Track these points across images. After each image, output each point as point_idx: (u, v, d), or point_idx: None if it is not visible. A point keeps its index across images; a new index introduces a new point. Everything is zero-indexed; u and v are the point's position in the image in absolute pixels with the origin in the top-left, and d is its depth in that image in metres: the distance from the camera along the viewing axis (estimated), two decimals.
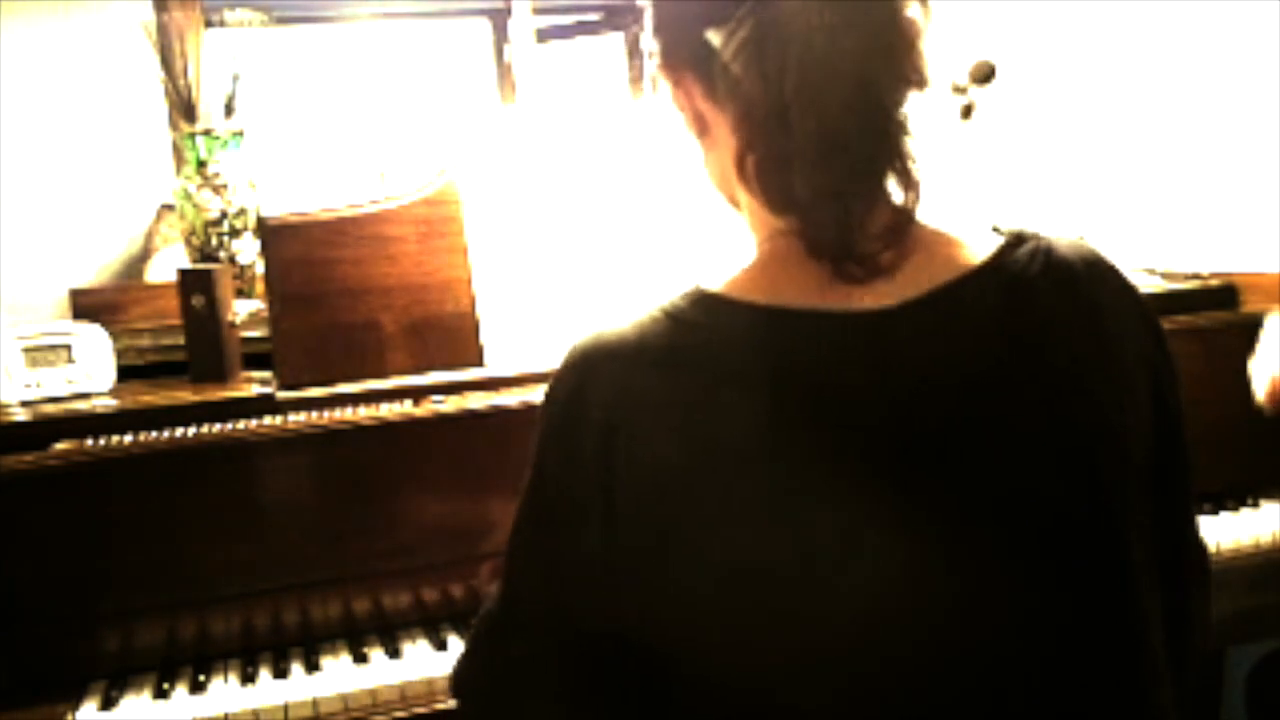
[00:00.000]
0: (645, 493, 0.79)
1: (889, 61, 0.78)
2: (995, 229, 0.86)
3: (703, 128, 0.87)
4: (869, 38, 0.76)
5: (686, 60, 0.84)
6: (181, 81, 2.30)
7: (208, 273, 1.59)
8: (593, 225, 1.53)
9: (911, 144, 0.79)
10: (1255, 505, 1.62)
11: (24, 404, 1.51)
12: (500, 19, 4.11)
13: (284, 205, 1.59)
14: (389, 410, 1.42)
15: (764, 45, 0.76)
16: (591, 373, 0.81)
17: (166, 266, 2.76)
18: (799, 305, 0.80)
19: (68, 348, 1.56)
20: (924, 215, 0.83)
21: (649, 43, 0.89)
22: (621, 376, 0.80)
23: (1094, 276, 0.84)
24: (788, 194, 0.79)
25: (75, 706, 1.24)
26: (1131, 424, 0.84)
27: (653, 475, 0.79)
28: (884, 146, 0.78)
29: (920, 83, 0.80)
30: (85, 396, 1.54)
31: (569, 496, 0.82)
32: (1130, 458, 0.83)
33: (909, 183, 0.80)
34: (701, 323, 0.80)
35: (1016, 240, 0.84)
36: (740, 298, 0.81)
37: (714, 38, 0.79)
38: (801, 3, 0.75)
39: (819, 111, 0.75)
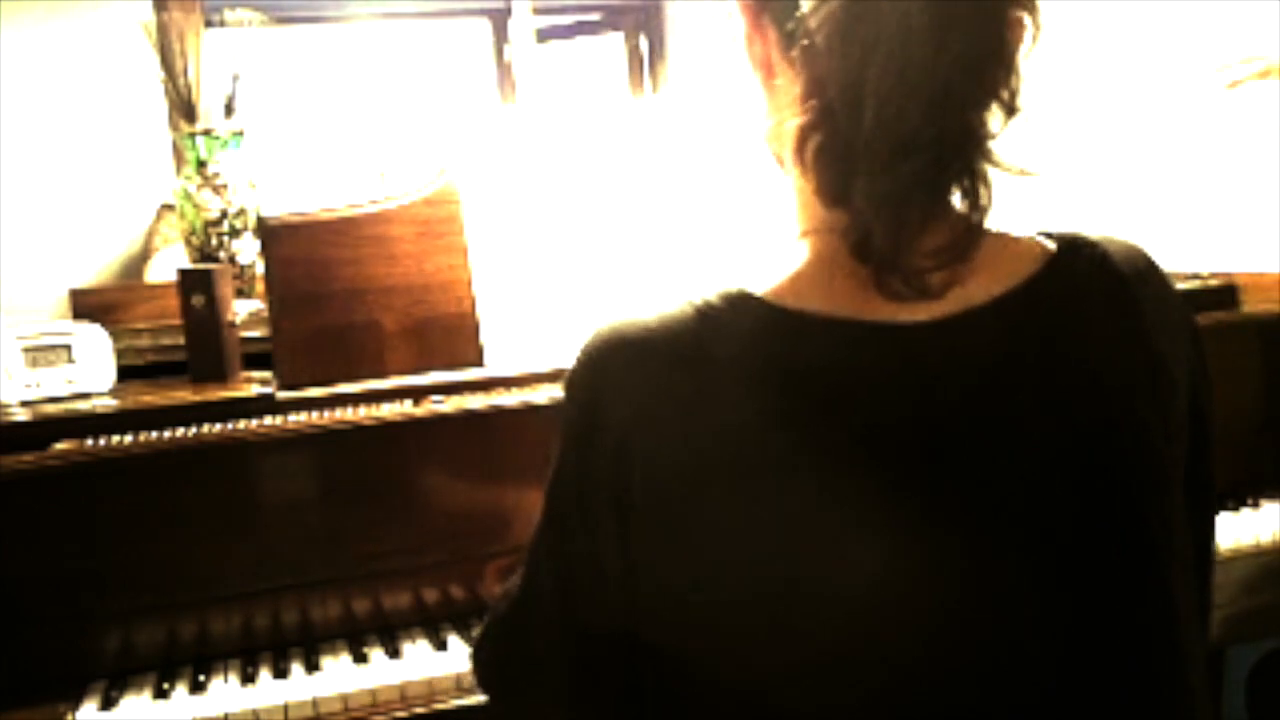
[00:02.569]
0: (660, 498, 0.78)
1: (982, 76, 0.73)
2: (1046, 234, 0.83)
3: (769, 74, 0.81)
4: (967, 47, 0.71)
5: (769, 6, 0.79)
6: (181, 81, 2.30)
7: (208, 273, 1.59)
8: (593, 225, 1.53)
9: (986, 166, 0.74)
10: (1255, 505, 1.62)
11: (24, 404, 1.51)
12: (500, 19, 4.11)
13: (284, 205, 1.59)
14: (389, 410, 1.42)
15: (854, 28, 0.70)
16: (609, 377, 0.79)
17: (166, 266, 2.76)
18: (837, 314, 0.76)
19: (68, 348, 1.56)
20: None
21: None
22: (639, 381, 0.78)
23: (1143, 284, 0.82)
24: (844, 189, 0.74)
25: (75, 706, 1.23)
26: (1171, 435, 0.82)
27: (669, 481, 0.78)
28: (956, 161, 0.74)
29: (1011, 106, 0.75)
30: (85, 396, 1.54)
31: (585, 502, 0.82)
32: (1167, 470, 0.82)
33: (975, 204, 0.75)
34: (730, 323, 0.77)
35: (1071, 247, 0.81)
36: (776, 302, 0.77)
37: None
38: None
39: (898, 112, 0.70)
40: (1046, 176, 0.79)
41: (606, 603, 0.83)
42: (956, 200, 0.76)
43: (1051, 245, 0.82)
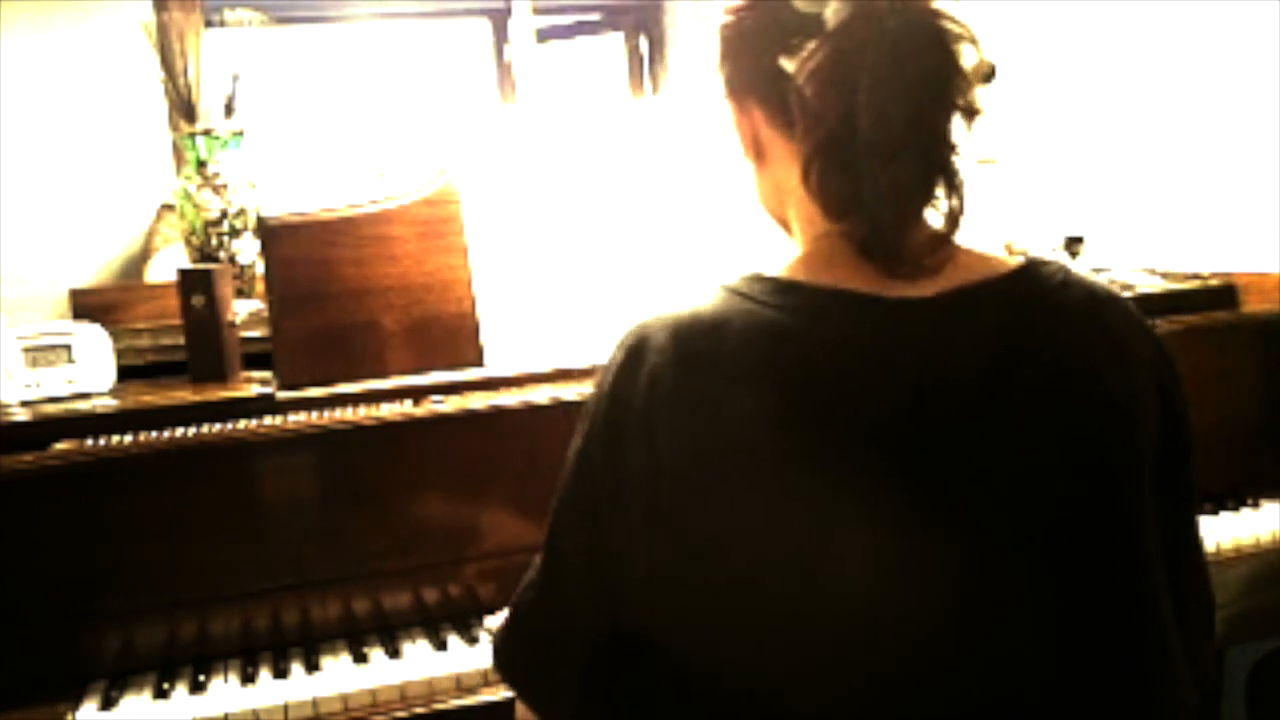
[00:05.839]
0: (673, 487, 0.82)
1: (942, 91, 0.87)
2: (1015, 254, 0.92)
3: (759, 152, 0.95)
4: (922, 72, 0.85)
5: (753, 87, 0.93)
6: (181, 81, 2.30)
7: (208, 273, 1.59)
8: (592, 225, 1.53)
9: (958, 162, 0.88)
10: (1255, 505, 1.62)
11: (24, 404, 1.51)
12: (500, 19, 4.12)
13: (284, 205, 1.59)
14: (389, 410, 1.42)
15: (840, 72, 0.85)
16: (634, 370, 0.85)
17: (166, 266, 2.76)
18: (842, 286, 0.86)
19: (68, 348, 1.56)
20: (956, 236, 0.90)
21: (713, 73, 0.96)
22: (659, 375, 0.83)
23: (1107, 297, 0.91)
24: (851, 197, 0.86)
25: (75, 706, 1.24)
26: (1143, 425, 0.87)
27: (682, 472, 0.82)
28: (935, 160, 0.87)
29: (969, 112, 0.88)
30: (85, 396, 1.54)
31: (611, 488, 0.85)
32: (1142, 455, 0.87)
33: (954, 191, 0.88)
34: (751, 300, 0.86)
35: (1037, 261, 0.92)
36: (789, 277, 0.88)
37: (787, 65, 0.87)
38: (872, 37, 0.84)
39: (885, 123, 0.84)
40: (1048, 177, 0.85)
41: (626, 590, 0.85)
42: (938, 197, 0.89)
43: (1020, 258, 0.92)
